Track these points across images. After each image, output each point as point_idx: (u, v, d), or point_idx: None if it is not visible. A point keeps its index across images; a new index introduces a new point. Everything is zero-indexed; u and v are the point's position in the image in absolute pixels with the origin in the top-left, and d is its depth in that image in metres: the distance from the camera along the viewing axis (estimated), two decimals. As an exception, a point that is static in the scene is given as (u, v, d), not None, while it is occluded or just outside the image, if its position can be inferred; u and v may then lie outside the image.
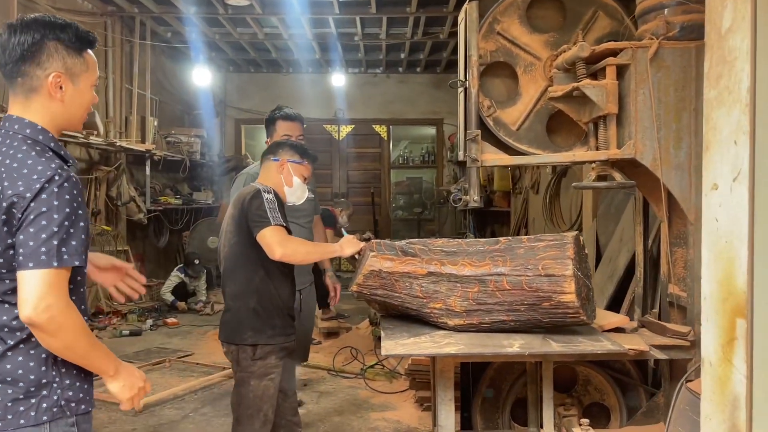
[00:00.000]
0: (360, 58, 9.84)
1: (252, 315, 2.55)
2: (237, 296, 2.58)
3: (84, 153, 7.08)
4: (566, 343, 2.20)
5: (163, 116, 9.12)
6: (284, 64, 10.30)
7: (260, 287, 2.56)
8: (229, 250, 2.61)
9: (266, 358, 2.55)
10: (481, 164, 2.63)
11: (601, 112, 2.44)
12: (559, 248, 2.21)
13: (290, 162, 2.73)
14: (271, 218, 2.48)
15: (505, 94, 2.82)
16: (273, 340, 2.56)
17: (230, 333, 2.59)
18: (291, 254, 2.49)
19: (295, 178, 2.73)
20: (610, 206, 4.46)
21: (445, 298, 2.34)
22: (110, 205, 7.49)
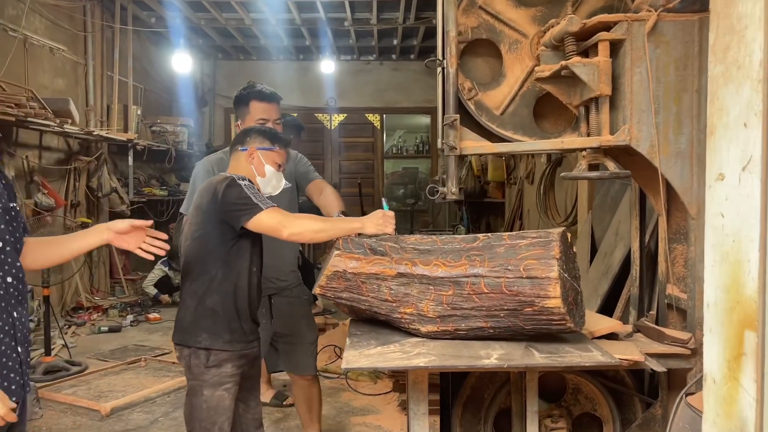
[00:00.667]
0: (351, 45, 9.57)
1: (209, 316, 2.30)
2: (194, 293, 2.32)
3: (62, 143, 6.81)
4: (551, 354, 1.95)
5: (148, 105, 8.86)
6: (274, 51, 10.01)
7: (223, 286, 2.31)
8: (192, 243, 2.36)
9: (221, 366, 2.30)
10: (459, 152, 2.38)
11: (592, 93, 2.18)
12: (543, 247, 1.96)
13: (260, 150, 2.48)
14: (260, 202, 2.24)
15: (488, 75, 2.56)
16: (230, 345, 2.32)
17: (183, 334, 2.33)
18: (300, 231, 2.26)
19: (268, 167, 2.48)
20: (607, 197, 4.21)
21: (416, 302, 2.09)
22: (91, 196, 7.24)
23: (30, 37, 6.10)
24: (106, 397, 4.30)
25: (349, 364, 1.89)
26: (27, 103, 5.19)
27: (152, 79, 9.05)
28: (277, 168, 2.50)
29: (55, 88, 6.66)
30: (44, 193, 6.12)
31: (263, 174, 2.47)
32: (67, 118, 5.84)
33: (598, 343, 2.09)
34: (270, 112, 2.88)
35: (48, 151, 6.55)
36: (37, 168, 6.21)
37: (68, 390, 4.44)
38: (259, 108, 2.87)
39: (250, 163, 2.47)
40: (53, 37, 6.59)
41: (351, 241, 2.27)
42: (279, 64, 10.43)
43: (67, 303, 6.79)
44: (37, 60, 6.31)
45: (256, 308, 2.44)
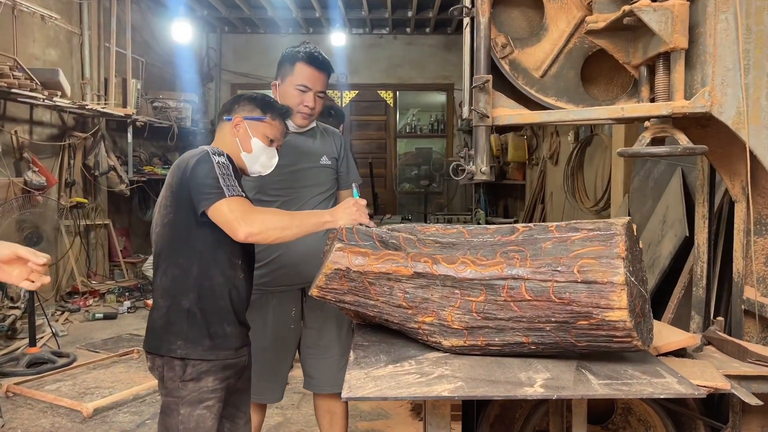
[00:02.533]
0: (364, 17, 9.06)
1: (185, 318, 1.89)
2: (168, 292, 1.91)
3: (56, 117, 6.41)
4: (611, 379, 1.52)
5: (151, 79, 8.43)
6: (283, 23, 9.53)
7: (200, 282, 1.90)
8: (162, 230, 1.94)
9: (201, 380, 1.89)
10: (492, 122, 1.93)
11: (663, 47, 1.72)
12: (604, 242, 1.52)
13: (247, 120, 2.05)
14: (225, 187, 1.83)
15: (526, 29, 2.11)
16: (211, 354, 1.91)
17: (154, 341, 1.93)
18: (261, 231, 1.83)
19: (255, 140, 2.04)
20: (648, 179, 3.73)
21: (438, 310, 1.66)
22: (87, 175, 6.85)
23: (19, 3, 5.67)
24: (91, 394, 3.93)
25: (352, 392, 1.46)
26: (10, 73, 4.78)
27: (154, 53, 8.61)
28: (267, 143, 2.06)
29: (48, 59, 6.24)
30: (35, 171, 5.73)
31: (249, 149, 2.04)
32: (57, 90, 5.42)
33: (667, 363, 1.65)
34: (315, 81, 2.41)
35: (40, 126, 6.16)
36: (27, 144, 5.82)
37: (52, 386, 4.08)
38: (304, 72, 2.39)
39: (235, 135, 2.04)
40: (45, 4, 6.16)
41: (357, 231, 1.84)
42: (288, 37, 9.91)
43: (62, 287, 6.43)
44: (27, 28, 5.89)
45: (244, 307, 2.03)
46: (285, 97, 2.39)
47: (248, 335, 2.08)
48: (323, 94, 2.45)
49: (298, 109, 2.38)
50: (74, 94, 6.57)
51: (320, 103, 2.44)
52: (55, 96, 5.41)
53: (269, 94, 2.40)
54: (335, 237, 1.85)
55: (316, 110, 2.44)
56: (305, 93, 2.38)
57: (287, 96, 2.39)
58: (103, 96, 7.03)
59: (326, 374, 2.51)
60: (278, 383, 2.49)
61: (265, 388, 2.43)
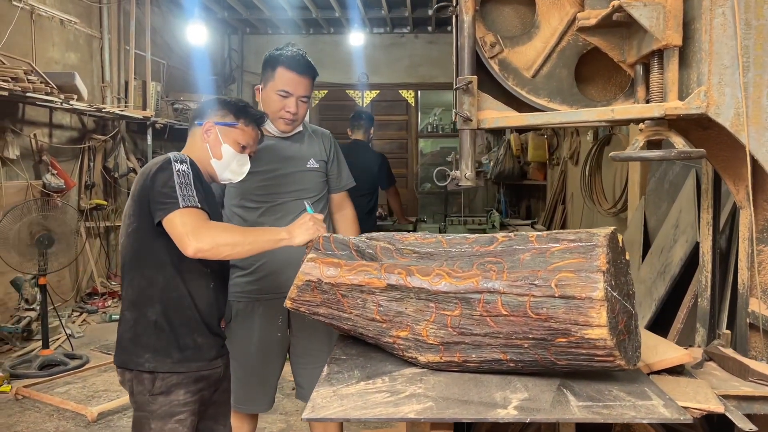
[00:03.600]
0: (384, 16, 8.99)
1: (152, 331, 1.84)
2: (134, 304, 1.87)
3: (75, 120, 6.48)
4: (593, 400, 1.42)
5: (173, 81, 8.49)
6: (303, 24, 9.52)
7: (166, 292, 1.85)
8: (126, 240, 1.89)
9: (171, 393, 1.84)
10: (477, 125, 1.84)
11: (655, 44, 1.61)
12: (584, 255, 1.42)
13: (218, 125, 1.99)
14: (181, 197, 1.76)
15: (517, 27, 2.01)
16: (182, 366, 1.86)
17: (123, 354, 1.88)
18: (210, 248, 1.75)
19: (226, 147, 1.99)
20: (663, 181, 3.59)
21: (412, 324, 1.58)
22: (107, 177, 6.92)
23: (37, 8, 5.74)
24: (99, 397, 3.94)
25: (314, 411, 1.39)
26: (25, 77, 4.82)
27: (175, 55, 8.67)
28: (239, 149, 2.01)
29: (67, 62, 6.31)
30: (54, 174, 5.80)
31: (219, 156, 1.98)
32: (73, 94, 5.47)
33: (658, 383, 1.55)
34: (297, 86, 2.31)
35: (59, 129, 6.23)
36: (46, 147, 5.88)
37: (61, 388, 4.10)
38: (285, 77, 2.30)
39: (205, 141, 1.99)
40: (64, 8, 6.23)
41: (334, 239, 1.77)
42: (309, 38, 9.93)
43: (82, 289, 6.50)
44: (45, 33, 5.96)
45: (216, 317, 1.97)
46: (267, 102, 2.33)
47: (224, 345, 2.03)
48: (306, 98, 2.37)
49: (280, 115, 2.31)
50: (94, 97, 6.64)
51: (303, 107, 2.36)
52: (72, 99, 5.45)
53: None
54: (312, 246, 1.78)
55: (300, 115, 2.36)
56: (287, 98, 2.31)
57: (269, 101, 2.32)
58: (123, 98, 7.09)
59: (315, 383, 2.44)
60: (266, 392, 2.43)
61: (252, 397, 2.38)
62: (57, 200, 5.48)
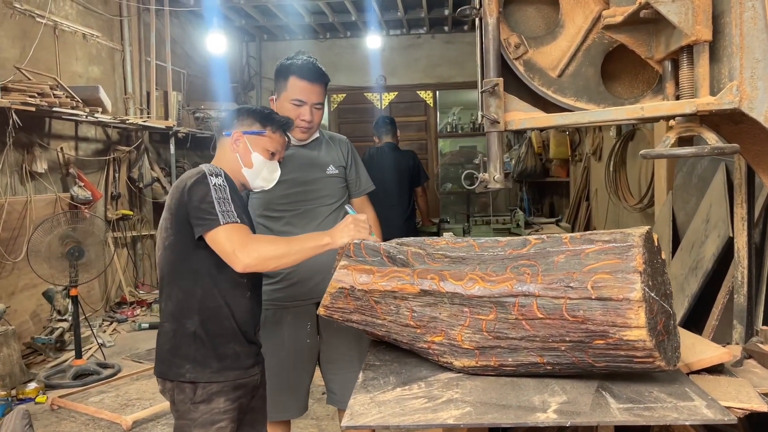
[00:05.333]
0: (400, 18, 8.98)
1: (191, 341, 1.88)
2: (173, 316, 1.90)
3: (100, 132, 6.58)
4: (633, 402, 1.41)
5: (193, 90, 8.58)
6: (320, 29, 9.56)
7: (204, 303, 1.88)
8: (164, 253, 1.92)
9: (211, 401, 1.87)
10: (504, 127, 1.83)
11: (684, 40, 1.59)
12: (620, 255, 1.41)
13: (246, 134, 2.02)
14: (221, 213, 1.80)
15: (541, 27, 1.99)
16: (221, 375, 1.89)
17: (163, 365, 1.92)
18: (258, 263, 1.80)
19: (256, 155, 2.02)
20: (692, 176, 3.54)
21: (447, 329, 1.58)
22: (132, 187, 7.01)
23: (60, 23, 5.84)
24: (133, 406, 3.99)
25: (353, 419, 1.40)
26: (51, 92, 4.91)
27: (195, 64, 8.76)
28: (269, 156, 2.04)
29: (91, 76, 6.41)
30: (81, 186, 5.89)
31: (250, 164, 2.02)
32: (98, 107, 5.55)
33: (698, 383, 1.53)
34: (310, 94, 2.34)
35: (85, 142, 6.33)
36: (73, 160, 5.97)
37: (96, 397, 4.16)
38: (298, 86, 2.33)
39: (235, 151, 2.02)
40: (86, 22, 6.33)
41: (365, 246, 1.78)
42: (326, 42, 9.97)
43: (111, 298, 6.60)
44: (69, 47, 6.06)
45: (252, 325, 2.00)
46: (281, 111, 2.33)
47: (260, 353, 2.05)
48: (320, 105, 2.39)
49: (296, 124, 2.34)
50: (117, 109, 6.73)
51: (318, 114, 2.39)
52: (96, 112, 5.53)
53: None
54: (343, 253, 1.79)
55: (315, 122, 2.39)
56: (301, 107, 2.34)
57: (283, 111, 2.33)
58: (146, 109, 7.18)
59: (347, 389, 2.44)
60: (298, 399, 2.45)
61: (284, 404, 2.40)
62: (85, 212, 5.57)
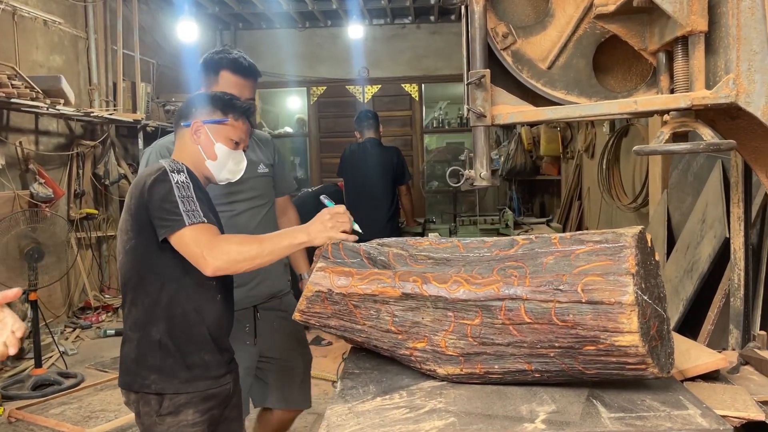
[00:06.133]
0: (384, 6, 8.99)
1: (157, 350, 1.86)
2: (137, 324, 1.88)
3: (62, 126, 6.50)
4: (625, 412, 1.41)
5: (164, 82, 8.52)
6: (299, 17, 9.53)
7: (171, 310, 1.86)
8: (125, 257, 1.90)
9: (179, 413, 1.86)
10: (491, 121, 1.83)
11: (680, 31, 1.60)
12: (611, 257, 1.41)
13: (207, 123, 1.98)
14: (185, 213, 1.76)
15: (530, 16, 2.00)
16: (189, 386, 1.87)
17: (127, 376, 1.89)
18: (228, 265, 1.77)
19: (219, 146, 1.98)
20: (687, 173, 3.57)
21: (430, 335, 1.58)
22: (97, 184, 6.93)
23: (19, 9, 5.75)
24: (96, 418, 3.94)
25: (330, 431, 1.38)
26: (9, 82, 4.84)
27: (166, 54, 8.68)
28: (233, 146, 2.00)
29: (52, 65, 6.33)
30: (41, 183, 5.81)
31: (213, 156, 1.98)
32: (60, 98, 5.48)
33: (693, 390, 1.54)
34: (243, 89, 2.39)
35: (46, 136, 6.24)
36: (33, 155, 5.90)
37: (57, 409, 4.11)
38: (231, 81, 2.38)
39: (196, 142, 1.97)
40: (47, 8, 6.25)
41: (343, 246, 1.77)
42: (305, 32, 9.95)
43: (74, 303, 6.52)
44: (29, 34, 5.97)
45: (225, 333, 1.98)
46: None
47: (233, 360, 2.03)
48: (252, 100, 2.43)
49: None
50: (81, 101, 6.66)
51: None
52: (58, 104, 5.46)
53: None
54: (320, 254, 1.78)
55: None
56: None
57: None
58: (112, 101, 7.10)
59: (287, 388, 2.58)
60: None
61: None
62: (46, 211, 5.50)
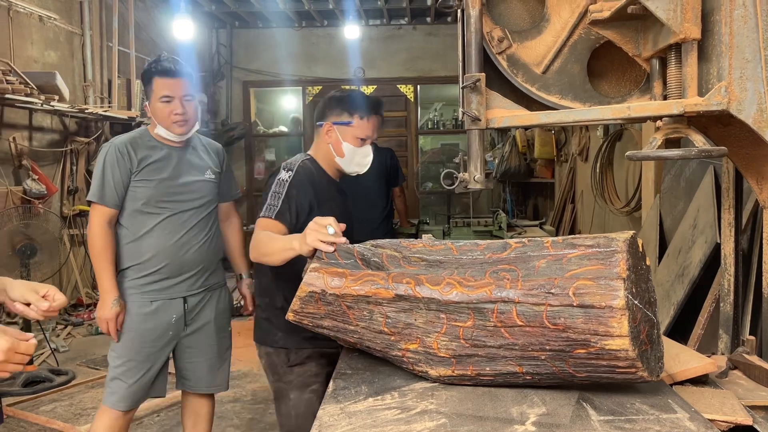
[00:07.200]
0: (380, 7, 9.00)
1: (280, 314, 2.12)
2: (265, 291, 2.33)
3: (56, 122, 6.47)
4: (614, 415, 1.43)
5: (159, 80, 8.49)
6: (295, 17, 9.53)
7: (288, 283, 2.08)
8: None
9: (305, 364, 2.26)
10: (485, 125, 1.84)
11: (673, 38, 1.62)
12: (603, 261, 1.42)
13: (336, 125, 2.30)
14: (267, 207, 2.15)
15: (526, 20, 2.01)
16: (309, 343, 2.23)
17: (260, 333, 2.34)
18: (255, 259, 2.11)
19: (346, 144, 2.29)
20: (679, 179, 3.60)
21: (423, 336, 1.59)
22: (91, 181, 6.89)
23: (14, 4, 5.73)
24: (87, 415, 3.93)
25: (321, 430, 1.39)
26: (3, 78, 4.82)
27: (161, 51, 8.65)
28: (359, 144, 2.29)
29: (47, 61, 6.31)
30: (34, 179, 5.79)
31: (341, 153, 2.31)
32: (54, 95, 5.46)
33: (682, 394, 1.55)
34: (176, 88, 2.56)
35: (40, 132, 6.22)
36: (26, 151, 5.87)
37: (48, 406, 4.10)
38: (161, 85, 2.56)
39: (327, 141, 2.31)
40: (43, 4, 6.23)
41: (338, 248, 1.77)
42: (301, 31, 9.95)
43: (66, 299, 6.48)
44: (24, 30, 5.95)
45: None
46: (155, 113, 2.57)
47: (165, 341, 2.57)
48: (190, 97, 2.59)
49: (172, 120, 2.54)
50: (76, 97, 6.64)
51: (190, 106, 2.59)
52: (53, 100, 5.44)
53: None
54: (314, 254, 1.79)
55: (190, 114, 2.58)
56: (171, 102, 2.54)
57: (156, 111, 2.56)
58: (107, 98, 7.08)
59: (200, 375, 2.74)
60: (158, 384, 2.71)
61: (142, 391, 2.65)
62: (39, 207, 5.49)
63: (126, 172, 2.53)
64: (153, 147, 2.59)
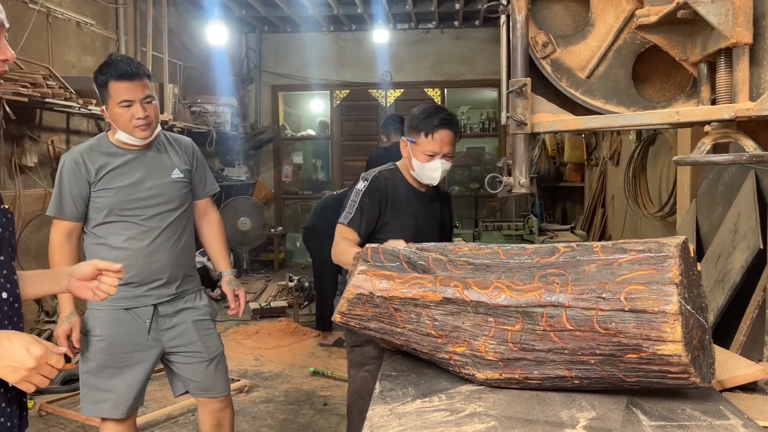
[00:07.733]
0: (408, 11, 9.00)
1: None
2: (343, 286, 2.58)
3: (92, 125, 6.59)
4: (666, 420, 1.42)
5: (190, 83, 8.60)
6: (324, 21, 9.58)
7: None
8: None
9: (364, 346, 2.49)
10: (531, 129, 1.85)
11: (724, 42, 1.61)
12: (655, 266, 1.42)
13: (409, 141, 2.55)
14: (344, 213, 2.50)
15: (570, 25, 2.01)
16: None
17: None
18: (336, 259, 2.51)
19: (415, 160, 2.52)
20: (717, 183, 3.55)
21: (470, 339, 1.59)
22: (125, 183, 7.00)
23: (53, 10, 5.85)
24: (124, 413, 3.99)
25: (373, 431, 1.41)
26: (44, 82, 4.92)
27: (193, 56, 8.77)
28: (426, 160, 2.48)
29: (84, 65, 6.42)
30: (71, 182, 5.89)
31: (412, 167, 2.54)
32: (91, 99, 5.55)
33: (732, 401, 1.54)
34: (134, 91, 2.41)
35: (76, 135, 6.33)
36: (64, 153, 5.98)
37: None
38: (118, 89, 2.40)
39: (404, 155, 2.57)
40: (80, 10, 6.35)
41: (383, 251, 1.79)
42: (330, 35, 10.00)
43: (100, 299, 6.59)
44: (62, 36, 6.07)
45: None
46: (115, 118, 2.43)
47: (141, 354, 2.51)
48: (150, 98, 2.45)
49: (133, 124, 2.41)
50: (111, 101, 6.74)
51: (152, 108, 2.45)
52: (90, 104, 5.54)
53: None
54: (359, 257, 1.80)
55: (152, 117, 2.45)
56: (131, 107, 2.40)
57: (116, 117, 2.42)
58: (141, 102, 7.18)
59: (201, 377, 2.63)
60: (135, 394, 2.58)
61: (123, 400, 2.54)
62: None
63: (83, 183, 2.43)
64: (112, 154, 2.46)
